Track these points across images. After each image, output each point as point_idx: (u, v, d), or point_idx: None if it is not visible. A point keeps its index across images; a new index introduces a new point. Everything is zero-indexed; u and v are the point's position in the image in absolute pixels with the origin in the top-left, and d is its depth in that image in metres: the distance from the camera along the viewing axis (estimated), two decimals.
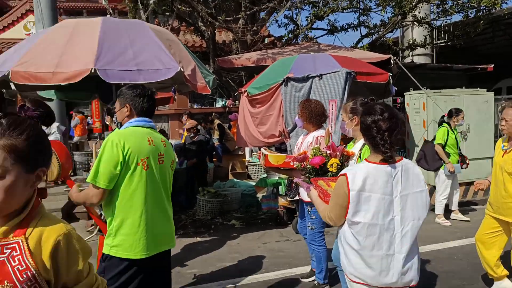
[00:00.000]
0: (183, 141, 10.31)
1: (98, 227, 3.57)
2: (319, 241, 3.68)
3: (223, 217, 6.59)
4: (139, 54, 4.72)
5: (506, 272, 3.50)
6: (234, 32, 8.71)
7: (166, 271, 2.62)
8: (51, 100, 7.31)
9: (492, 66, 10.24)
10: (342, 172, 2.09)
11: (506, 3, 10.00)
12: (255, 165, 8.72)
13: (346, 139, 4.98)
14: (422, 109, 7.27)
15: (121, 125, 2.57)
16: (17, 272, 1.14)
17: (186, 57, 5.38)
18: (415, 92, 7.41)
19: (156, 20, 10.46)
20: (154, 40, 4.98)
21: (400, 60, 12.06)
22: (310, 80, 5.58)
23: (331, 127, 4.47)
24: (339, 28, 11.16)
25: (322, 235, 3.69)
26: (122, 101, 2.49)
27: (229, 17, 9.05)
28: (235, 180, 7.92)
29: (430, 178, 6.73)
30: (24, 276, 1.14)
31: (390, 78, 6.04)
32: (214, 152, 9.29)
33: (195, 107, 13.24)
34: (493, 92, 7.72)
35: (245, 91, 6.07)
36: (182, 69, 4.85)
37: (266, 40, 12.73)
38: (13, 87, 5.39)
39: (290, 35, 10.77)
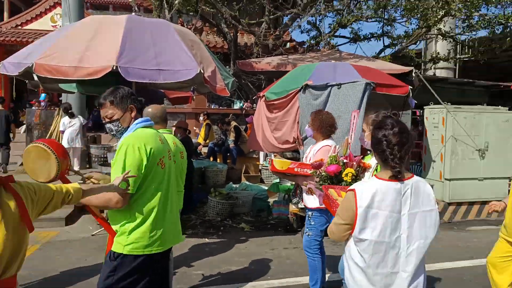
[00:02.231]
0: (199, 140, 10.41)
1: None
2: (314, 249, 3.63)
3: (233, 219, 6.61)
4: (161, 53, 4.79)
5: None
6: (256, 35, 8.75)
7: (167, 267, 2.69)
8: (72, 93, 7.46)
9: None
10: (351, 187, 2.08)
11: None
12: (268, 169, 8.73)
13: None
14: (442, 124, 7.16)
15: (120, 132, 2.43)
16: None
17: (207, 58, 5.43)
18: (435, 106, 7.31)
19: (180, 20, 10.58)
20: (177, 41, 5.04)
21: (421, 72, 11.92)
22: (329, 88, 5.56)
23: (351, 137, 4.46)
24: (362, 37, 11.10)
25: (318, 244, 3.64)
26: (122, 105, 2.39)
27: (253, 21, 9.10)
28: (247, 183, 7.94)
29: None
30: None
31: (410, 91, 5.97)
32: (228, 154, 9.34)
33: (212, 107, 13.33)
34: None
35: (263, 95, 6.09)
36: (202, 71, 4.90)
37: (288, 45, 12.75)
38: (35, 78, 5.53)
39: (312, 42, 10.76)
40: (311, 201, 3.47)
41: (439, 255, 5.06)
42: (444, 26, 10.60)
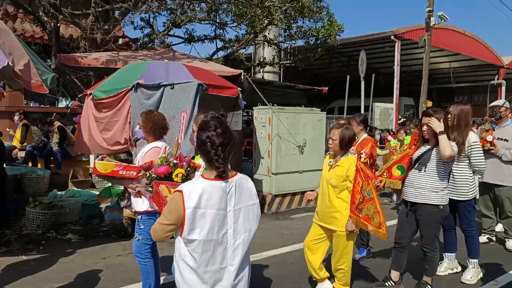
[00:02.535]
0: (13, 143, 9.02)
1: None
2: (145, 254, 3.54)
3: (58, 230, 5.94)
4: None
5: (327, 274, 3.95)
6: (81, 28, 8.02)
7: None
8: None
9: (326, 88, 11.66)
10: (178, 188, 2.08)
11: (339, 35, 11.58)
12: None
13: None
14: (268, 123, 7.82)
15: None
16: None
17: (19, 49, 4.71)
18: (263, 107, 7.94)
19: None
20: None
21: (252, 75, 12.84)
22: (162, 88, 5.46)
23: (181, 137, 4.45)
24: (196, 38, 11.31)
25: (149, 248, 3.56)
26: None
27: (77, 11, 8.31)
28: (75, 189, 7.23)
29: None
30: None
31: (240, 92, 6.33)
32: (51, 158, 8.35)
33: (32, 105, 11.72)
34: (325, 112, 8.79)
35: (90, 93, 5.62)
36: (11, 63, 4.24)
37: (120, 41, 12.10)
38: None
39: (145, 39, 10.46)
40: (140, 204, 3.35)
41: (267, 244, 5.52)
42: (269, 34, 11.62)
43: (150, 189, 2.78)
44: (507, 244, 5.47)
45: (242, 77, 7.14)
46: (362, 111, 11.21)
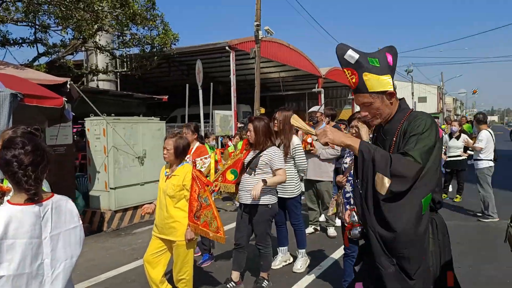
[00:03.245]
0: None
1: None
2: None
3: None
4: None
5: (170, 287, 3.88)
6: None
7: None
8: None
9: (166, 97, 11.56)
10: None
11: (175, 44, 11.60)
12: None
13: None
14: (103, 135, 7.33)
15: None
16: None
17: None
18: (96, 118, 7.40)
19: None
20: None
21: (84, 84, 11.89)
22: None
23: None
24: (11, 41, 9.90)
25: None
26: None
27: None
28: None
29: None
30: None
31: (65, 102, 5.77)
32: None
33: None
34: (165, 121, 8.69)
35: None
36: None
37: None
38: None
39: None
40: None
41: (106, 264, 5.15)
42: (100, 40, 10.91)
43: None
44: (328, 231, 6.28)
45: (68, 86, 6.51)
46: (202, 118, 11.47)
